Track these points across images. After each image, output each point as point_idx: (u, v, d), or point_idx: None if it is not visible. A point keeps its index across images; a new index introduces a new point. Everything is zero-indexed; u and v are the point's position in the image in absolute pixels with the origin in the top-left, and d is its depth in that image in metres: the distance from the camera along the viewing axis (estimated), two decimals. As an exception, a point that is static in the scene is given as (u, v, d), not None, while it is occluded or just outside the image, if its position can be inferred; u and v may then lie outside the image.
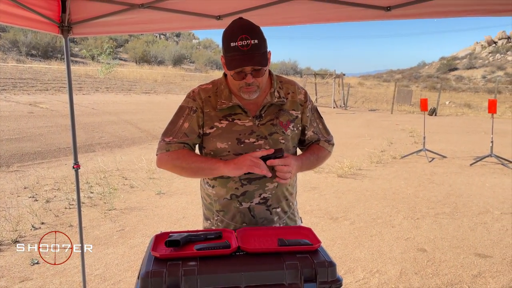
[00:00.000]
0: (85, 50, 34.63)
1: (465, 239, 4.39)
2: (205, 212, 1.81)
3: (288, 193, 1.75)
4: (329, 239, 4.40)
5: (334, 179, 7.12)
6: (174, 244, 1.34)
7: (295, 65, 57.69)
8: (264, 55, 1.54)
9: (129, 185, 6.66)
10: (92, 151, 9.58)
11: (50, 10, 2.63)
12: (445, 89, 39.68)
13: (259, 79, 1.58)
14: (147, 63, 39.45)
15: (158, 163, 1.68)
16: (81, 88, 21.72)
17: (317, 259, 1.29)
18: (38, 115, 13.25)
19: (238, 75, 1.55)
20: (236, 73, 1.55)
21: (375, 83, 55.11)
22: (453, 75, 69.05)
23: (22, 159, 8.32)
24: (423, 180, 7.05)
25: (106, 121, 13.68)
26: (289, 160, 1.59)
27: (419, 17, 2.33)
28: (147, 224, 4.87)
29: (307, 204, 5.62)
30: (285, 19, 2.59)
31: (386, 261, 3.85)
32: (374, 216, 5.18)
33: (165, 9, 2.63)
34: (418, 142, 11.08)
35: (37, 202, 5.61)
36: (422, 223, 4.90)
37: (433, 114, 20.72)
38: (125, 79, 28.05)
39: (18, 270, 3.67)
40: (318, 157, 1.79)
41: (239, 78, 1.56)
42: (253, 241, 1.42)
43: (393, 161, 8.78)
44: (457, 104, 28.96)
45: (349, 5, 2.44)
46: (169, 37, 57.97)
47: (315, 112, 1.83)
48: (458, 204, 5.65)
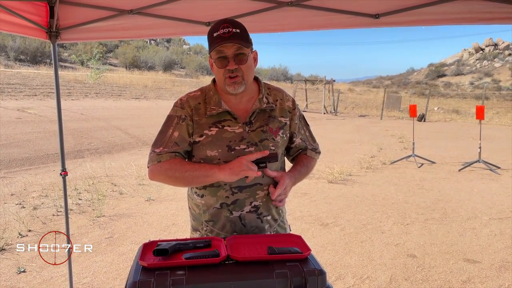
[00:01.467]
0: (74, 55, 34.38)
1: (454, 245, 4.42)
2: (193, 223, 1.77)
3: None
4: (320, 246, 4.39)
5: (324, 184, 7.13)
6: (162, 253, 1.32)
7: (285, 71, 57.99)
8: (247, 41, 1.57)
9: (118, 191, 6.59)
10: (81, 157, 9.48)
11: (38, 15, 2.60)
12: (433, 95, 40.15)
13: (242, 67, 1.57)
14: (137, 69, 39.29)
15: (150, 175, 1.64)
16: (70, 93, 21.55)
17: (307, 267, 1.28)
18: (26, 121, 13.09)
19: (220, 61, 1.56)
20: (218, 59, 1.56)
21: (365, 89, 55.59)
22: (441, 81, 69.98)
23: (10, 165, 8.20)
24: (413, 186, 7.09)
25: (95, 127, 13.56)
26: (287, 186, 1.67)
27: (407, 24, 2.35)
28: (136, 231, 4.82)
29: (298, 210, 5.61)
30: (275, 26, 2.59)
31: (376, 267, 3.85)
32: (364, 222, 5.19)
33: (155, 15, 2.62)
34: (407, 148, 11.16)
35: (24, 209, 5.52)
36: (411, 229, 4.92)
37: (422, 120, 20.90)
38: (115, 84, 27.90)
39: (4, 278, 3.60)
40: (308, 168, 1.82)
41: (221, 65, 1.56)
42: (243, 250, 1.40)
43: (383, 167, 8.83)
44: (445, 110, 29.26)
45: (338, 12, 2.46)
46: (160, 43, 57.84)
47: (302, 119, 1.84)
48: (447, 210, 5.69)
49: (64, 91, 21.65)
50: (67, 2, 2.62)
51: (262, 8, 2.51)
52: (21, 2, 2.45)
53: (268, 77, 53.05)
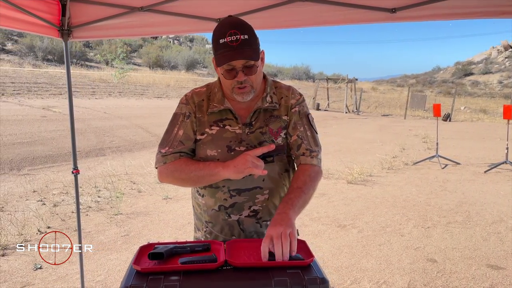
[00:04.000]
0: (99, 55, 35.03)
1: (478, 250, 4.24)
2: (196, 222, 1.74)
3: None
4: (336, 248, 4.29)
5: (343, 185, 7.00)
6: (158, 257, 1.27)
7: (307, 70, 57.51)
8: (256, 51, 1.47)
9: (137, 189, 6.64)
10: (102, 155, 9.62)
11: (50, 13, 2.61)
12: (460, 94, 39.16)
13: (252, 77, 1.50)
14: (161, 68, 39.73)
15: (159, 177, 1.63)
16: (94, 92, 21.96)
17: (308, 275, 1.21)
18: (50, 119, 13.38)
19: (228, 73, 1.48)
20: (226, 71, 1.47)
21: (389, 88, 54.71)
22: (468, 80, 68.12)
23: (33, 162, 8.38)
24: (435, 187, 6.88)
25: (118, 125, 13.76)
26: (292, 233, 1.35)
27: (425, 19, 2.24)
28: (152, 230, 4.83)
29: (315, 211, 5.51)
30: (287, 22, 2.52)
31: (394, 272, 3.73)
32: (383, 224, 5.05)
33: (165, 12, 2.59)
34: (431, 148, 10.88)
35: (44, 206, 5.62)
36: (433, 232, 4.76)
37: (447, 120, 20.39)
38: (138, 83, 28.28)
39: (20, 275, 3.65)
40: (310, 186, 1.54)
41: (230, 77, 1.48)
42: (242, 255, 1.34)
43: (405, 168, 8.61)
44: (472, 109, 28.50)
45: (353, 7, 2.36)
46: (183, 42, 58.34)
47: (304, 117, 1.65)
48: (471, 213, 5.48)
49: (88, 90, 22.09)
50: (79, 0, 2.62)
51: (274, 4, 2.44)
52: (33, 0, 2.46)
53: (290, 76, 52.83)
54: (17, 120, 12.47)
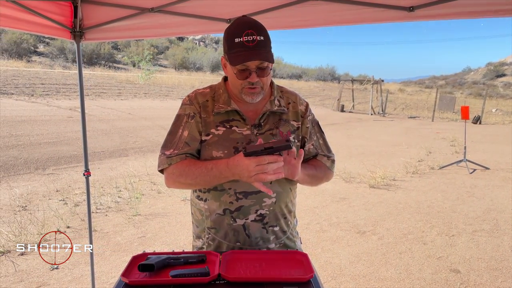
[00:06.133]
0: (126, 56, 35.69)
1: (505, 260, 4.02)
2: (195, 230, 1.67)
3: (287, 211, 1.59)
4: (354, 255, 4.15)
5: (365, 189, 6.82)
6: (148, 269, 1.21)
7: (333, 71, 56.98)
8: (270, 53, 1.44)
9: (157, 190, 6.67)
10: (125, 155, 9.74)
11: (62, 15, 2.61)
12: (491, 96, 37.91)
13: (264, 79, 1.47)
14: (186, 69, 40.20)
15: (166, 183, 1.56)
16: (120, 93, 22.34)
17: (306, 292, 1.13)
18: (76, 120, 13.67)
19: (241, 73, 1.44)
20: (239, 71, 1.44)
21: (417, 90, 53.56)
22: (500, 81, 65.96)
23: (58, 162, 8.55)
24: (462, 193, 6.62)
25: (141, 126, 13.93)
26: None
27: (445, 17, 2.10)
28: (169, 232, 4.82)
29: (334, 216, 5.37)
30: (299, 21, 2.43)
31: (414, 282, 3.57)
32: (405, 231, 4.88)
33: (175, 13, 2.55)
34: (459, 152, 10.52)
35: (66, 205, 5.70)
36: (457, 241, 4.55)
37: (477, 122, 19.75)
38: (164, 85, 28.63)
39: (37, 274, 3.69)
40: (317, 171, 1.62)
41: (242, 77, 1.45)
42: (238, 268, 1.27)
43: (431, 172, 8.34)
44: (504, 112, 27.51)
45: (368, 6, 2.25)
46: (208, 44, 58.85)
47: (315, 125, 1.69)
48: (499, 221, 5.22)
49: (114, 91, 22.49)
50: (91, 1, 2.62)
51: (286, 3, 2.36)
52: (45, 2, 2.46)
53: (315, 77, 52.43)
54: (45, 121, 12.80)
